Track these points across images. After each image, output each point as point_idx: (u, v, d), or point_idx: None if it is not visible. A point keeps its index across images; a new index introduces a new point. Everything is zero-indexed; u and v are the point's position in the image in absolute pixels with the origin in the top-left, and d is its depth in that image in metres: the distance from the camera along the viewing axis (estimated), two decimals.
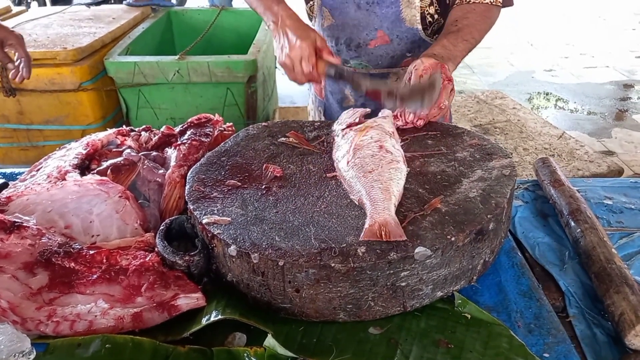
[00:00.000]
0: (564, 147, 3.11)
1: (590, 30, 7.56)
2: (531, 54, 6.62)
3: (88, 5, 3.98)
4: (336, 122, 1.31)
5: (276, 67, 4.16)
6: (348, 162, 1.10)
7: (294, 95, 5.26)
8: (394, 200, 0.98)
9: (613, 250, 1.08)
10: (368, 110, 1.31)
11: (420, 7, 1.49)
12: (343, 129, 1.24)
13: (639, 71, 6.01)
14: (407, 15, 1.50)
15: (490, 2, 1.44)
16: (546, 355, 0.87)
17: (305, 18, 1.48)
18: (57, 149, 1.35)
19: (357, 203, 1.01)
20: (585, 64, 6.25)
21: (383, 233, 0.89)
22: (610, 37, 7.16)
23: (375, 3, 1.50)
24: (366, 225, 0.92)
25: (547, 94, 5.42)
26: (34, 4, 6.79)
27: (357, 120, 1.25)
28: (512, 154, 3.04)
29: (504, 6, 1.48)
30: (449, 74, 1.29)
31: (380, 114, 1.28)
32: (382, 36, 1.53)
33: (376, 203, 0.96)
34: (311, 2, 1.60)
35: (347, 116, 1.30)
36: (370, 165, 1.06)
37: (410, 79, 1.28)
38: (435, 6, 1.50)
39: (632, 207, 1.34)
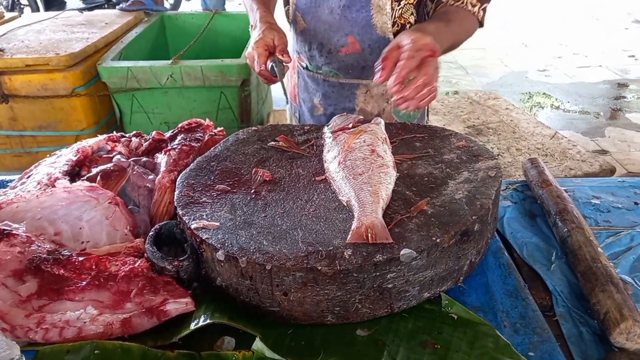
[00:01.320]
0: (557, 147, 3.13)
1: (583, 30, 7.60)
2: (525, 55, 6.64)
3: (81, 10, 3.99)
4: (327, 125, 1.32)
5: None
6: (339, 164, 1.11)
7: None
8: (382, 203, 0.99)
9: (599, 249, 1.09)
10: (361, 117, 1.32)
11: (392, 14, 1.44)
12: (335, 132, 1.25)
13: (632, 70, 6.04)
14: (378, 22, 1.46)
15: (473, 12, 1.41)
16: (531, 354, 0.88)
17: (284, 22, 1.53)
18: (48, 155, 1.35)
19: (345, 204, 1.02)
20: (579, 63, 6.28)
21: (370, 235, 0.90)
22: (603, 37, 7.20)
23: (346, 7, 1.47)
24: (353, 227, 0.93)
25: (540, 94, 5.44)
26: (27, 10, 6.79)
27: (350, 125, 1.26)
28: (499, 155, 3.05)
29: (480, 25, 1.46)
30: (437, 51, 1.17)
31: (373, 121, 1.29)
32: (353, 42, 1.51)
33: (364, 206, 0.97)
34: (287, 6, 1.60)
35: (340, 120, 1.31)
36: (360, 167, 1.08)
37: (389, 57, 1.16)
38: (414, 14, 1.47)
39: (620, 206, 1.35)
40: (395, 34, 1.46)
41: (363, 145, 1.14)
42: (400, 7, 1.44)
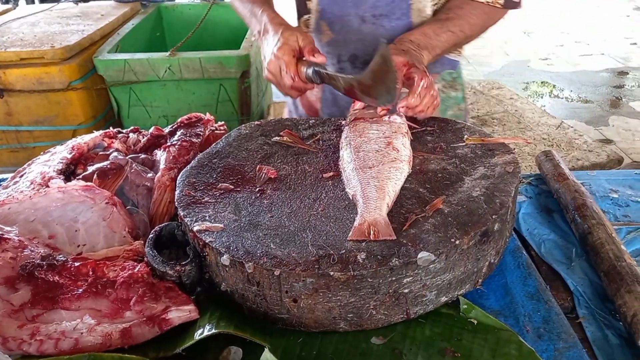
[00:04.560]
0: (563, 137, 3.08)
1: (585, 17, 7.51)
2: (526, 43, 6.57)
3: (76, 2, 3.90)
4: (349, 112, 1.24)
5: None
6: (351, 154, 1.06)
7: None
8: (387, 200, 0.94)
9: (622, 246, 1.04)
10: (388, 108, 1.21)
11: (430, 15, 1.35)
12: (354, 120, 1.17)
13: (633, 58, 5.97)
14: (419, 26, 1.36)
15: (487, 2, 1.31)
16: None
17: None
18: (42, 153, 1.29)
19: (351, 198, 0.98)
20: (581, 52, 6.22)
21: (372, 232, 0.86)
22: (605, 24, 7.12)
23: (383, 16, 1.35)
24: (355, 225, 0.89)
25: (543, 83, 5.37)
26: (22, 2, 6.68)
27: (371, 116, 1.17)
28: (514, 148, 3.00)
29: (506, 7, 1.33)
30: (422, 70, 1.13)
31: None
32: None
33: (369, 202, 0.93)
34: (307, 16, 1.45)
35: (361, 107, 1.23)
36: (372, 160, 1.03)
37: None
38: None
39: (639, 200, 1.29)
40: None
41: (380, 137, 1.08)
42: (435, 4, 1.37)
